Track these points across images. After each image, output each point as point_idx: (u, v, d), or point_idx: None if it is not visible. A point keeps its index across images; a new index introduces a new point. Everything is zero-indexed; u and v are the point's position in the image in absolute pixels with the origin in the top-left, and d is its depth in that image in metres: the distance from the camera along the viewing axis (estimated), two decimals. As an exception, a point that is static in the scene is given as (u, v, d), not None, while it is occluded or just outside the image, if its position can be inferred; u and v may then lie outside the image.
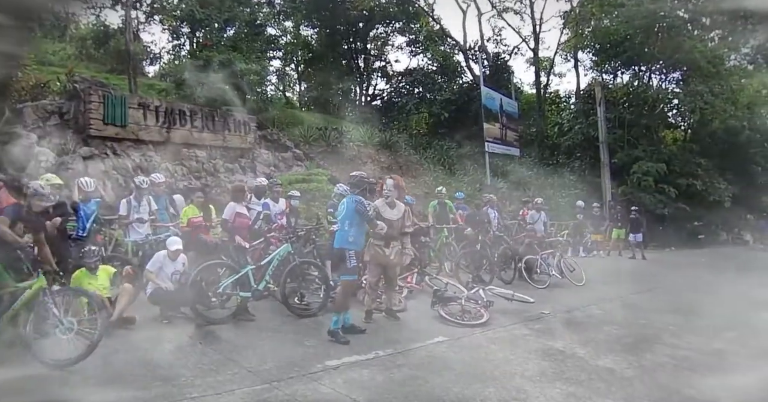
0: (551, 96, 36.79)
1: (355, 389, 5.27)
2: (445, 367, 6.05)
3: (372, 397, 5.11)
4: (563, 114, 34.56)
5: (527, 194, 19.23)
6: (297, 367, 5.78)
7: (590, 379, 5.89)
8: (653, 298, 11.53)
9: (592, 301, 10.59)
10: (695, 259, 20.14)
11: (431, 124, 27.66)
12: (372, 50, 34.52)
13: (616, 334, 8.01)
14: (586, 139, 28.56)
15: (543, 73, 34.88)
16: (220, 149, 17.08)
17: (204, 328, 7.15)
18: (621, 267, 16.63)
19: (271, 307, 8.38)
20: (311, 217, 13.58)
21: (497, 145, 25.86)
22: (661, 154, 27.03)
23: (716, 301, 11.14)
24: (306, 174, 17.54)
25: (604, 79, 31.75)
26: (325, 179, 16.70)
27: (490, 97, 26.24)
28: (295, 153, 19.53)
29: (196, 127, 16.58)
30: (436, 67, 32.91)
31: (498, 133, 26.22)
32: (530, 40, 34.29)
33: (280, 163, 18.66)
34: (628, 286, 12.82)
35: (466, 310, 8.32)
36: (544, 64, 34.93)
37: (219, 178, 16.05)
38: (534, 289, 11.12)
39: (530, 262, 12.02)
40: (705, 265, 18.26)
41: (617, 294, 11.60)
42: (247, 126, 18.04)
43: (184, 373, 5.48)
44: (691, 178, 26.23)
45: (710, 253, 22.41)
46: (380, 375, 5.71)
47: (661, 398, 5.48)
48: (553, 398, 5.28)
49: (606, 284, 12.65)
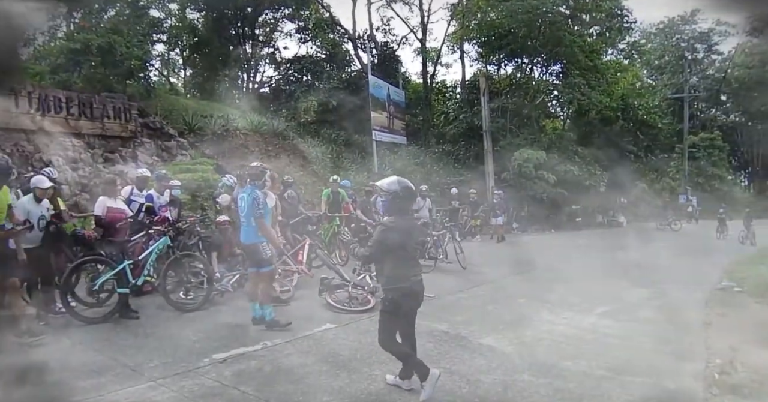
0: (438, 86, 37.56)
1: (243, 381, 5.27)
2: (333, 353, 6.15)
3: (260, 388, 5.11)
4: (449, 103, 35.52)
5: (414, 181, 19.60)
6: (183, 363, 5.70)
7: (473, 358, 6.15)
8: (533, 278, 12.14)
9: (475, 283, 11.03)
10: (573, 240, 21.29)
11: (319, 112, 27.53)
12: (260, 36, 33.94)
13: (497, 314, 8.38)
14: (471, 128, 29.45)
15: (430, 63, 35.54)
16: (98, 138, 16.26)
17: (84, 327, 6.88)
18: (502, 250, 17.29)
19: (156, 303, 8.17)
20: (197, 208, 13.27)
21: (385, 134, 26.15)
22: (541, 143, 28.31)
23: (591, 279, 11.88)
24: (191, 163, 16.98)
25: (489, 70, 32.90)
26: (210, 169, 16.26)
27: (378, 86, 26.47)
28: (180, 142, 18.81)
29: (72, 114, 15.63)
30: (325, 55, 32.80)
31: (385, 122, 26.52)
32: (418, 30, 34.87)
33: (163, 153, 17.93)
34: (510, 267, 13.38)
35: (353, 297, 8.45)
36: (432, 54, 35.57)
37: (98, 168, 15.30)
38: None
39: (418, 247, 12.28)
40: (582, 245, 19.33)
41: (499, 275, 12.12)
42: (128, 113, 17.17)
43: (65, 376, 5.29)
44: (569, 164, 27.58)
45: (587, 235, 23.77)
46: (269, 365, 5.72)
47: (540, 371, 5.75)
48: (438, 377, 5.47)
49: (488, 267, 13.15)
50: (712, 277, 12.52)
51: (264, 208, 7.02)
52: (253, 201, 6.92)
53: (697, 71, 51.26)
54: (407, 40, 35.93)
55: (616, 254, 16.30)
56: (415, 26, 35.12)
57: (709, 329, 8.08)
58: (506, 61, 33.21)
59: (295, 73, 32.39)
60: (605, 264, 14.32)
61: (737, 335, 7.76)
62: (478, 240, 19.42)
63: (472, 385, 5.33)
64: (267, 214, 7.16)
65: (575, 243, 20.16)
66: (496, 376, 5.57)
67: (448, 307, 8.67)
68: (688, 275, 12.48)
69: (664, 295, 10.67)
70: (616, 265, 14.31)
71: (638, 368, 5.96)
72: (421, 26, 34.45)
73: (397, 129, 27.84)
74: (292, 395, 4.99)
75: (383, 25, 36.22)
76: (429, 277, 11.02)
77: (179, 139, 18.94)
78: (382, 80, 27.33)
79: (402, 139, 28.00)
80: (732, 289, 11.76)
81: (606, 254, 16.36)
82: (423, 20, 34.28)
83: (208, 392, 5.01)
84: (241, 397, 4.94)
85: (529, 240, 20.19)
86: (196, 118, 20.73)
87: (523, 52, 31.22)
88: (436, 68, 36.20)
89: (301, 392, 5.04)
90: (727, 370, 6.11)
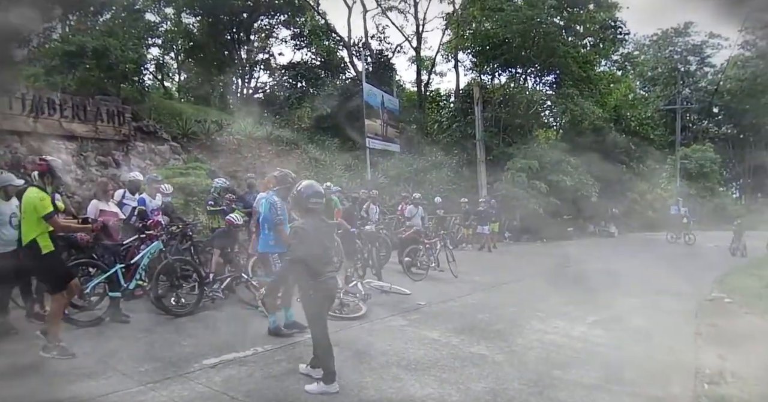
0: (432, 94, 37.64)
1: (232, 386, 5.25)
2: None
3: (250, 394, 5.10)
4: (443, 112, 35.67)
5: (406, 189, 19.61)
6: (174, 368, 5.68)
7: (463, 366, 6.15)
8: (524, 287, 12.21)
9: (466, 291, 11.03)
10: (564, 249, 21.31)
11: (313, 119, 27.59)
12: (255, 42, 33.96)
13: (488, 322, 8.37)
14: (464, 137, 29.57)
15: (424, 71, 35.67)
16: (92, 141, 16.22)
17: (74, 331, 6.85)
18: (492, 259, 17.31)
19: (147, 307, 8.12)
20: (189, 212, 13.25)
21: (378, 141, 26.13)
22: (533, 152, 28.37)
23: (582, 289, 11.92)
24: (184, 168, 16.95)
25: (483, 80, 33.02)
26: (203, 173, 16.22)
27: (372, 93, 26.48)
28: (173, 146, 18.82)
29: (66, 116, 15.62)
30: (320, 61, 32.86)
31: (379, 129, 26.51)
32: (413, 39, 35.01)
33: (156, 156, 17.95)
34: (501, 276, 13.48)
35: (344, 304, 8.41)
36: (426, 63, 35.71)
37: (90, 171, 15.26)
38: (412, 281, 11.43)
39: (411, 255, 12.31)
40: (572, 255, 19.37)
41: (490, 284, 12.15)
42: (121, 116, 17.15)
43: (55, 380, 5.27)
44: (561, 174, 27.68)
45: (576, 245, 23.84)
46: (259, 371, 5.70)
47: (531, 380, 5.77)
48: (428, 385, 5.47)
49: (479, 275, 13.18)
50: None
51: (282, 215, 6.85)
52: (270, 206, 6.85)
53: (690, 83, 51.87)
54: (402, 49, 36.16)
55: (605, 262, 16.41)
56: (410, 35, 35.32)
57: (699, 339, 8.13)
58: (500, 71, 33.39)
59: (290, 79, 32.42)
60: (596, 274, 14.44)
61: (727, 346, 7.82)
62: (468, 249, 19.45)
63: (462, 393, 5.33)
64: (285, 221, 6.91)
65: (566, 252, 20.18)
66: (486, 385, 5.58)
67: (439, 315, 8.68)
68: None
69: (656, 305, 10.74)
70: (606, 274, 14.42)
71: (628, 378, 5.99)
72: (416, 35, 34.63)
73: (391, 136, 27.82)
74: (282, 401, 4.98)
75: (378, 33, 36.37)
76: (421, 285, 11.19)
77: (172, 143, 18.95)
78: (376, 88, 27.33)
79: (395, 146, 28.00)
80: (722, 300, 11.85)
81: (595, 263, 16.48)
82: (418, 29, 34.47)
83: (198, 397, 5.00)
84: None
85: (520, 250, 20.22)
86: (190, 122, 20.72)
87: (517, 62, 31.36)
88: (430, 77, 36.37)
89: (292, 399, 5.03)
90: (716, 381, 6.15)
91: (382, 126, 26.92)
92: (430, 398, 5.07)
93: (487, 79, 33.76)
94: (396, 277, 11.49)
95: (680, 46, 53.43)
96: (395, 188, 21.68)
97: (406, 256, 12.24)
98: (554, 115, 35.29)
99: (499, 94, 31.80)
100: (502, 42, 29.56)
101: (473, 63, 33.97)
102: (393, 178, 23.94)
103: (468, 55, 34.00)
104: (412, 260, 12.29)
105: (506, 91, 31.93)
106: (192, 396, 5.01)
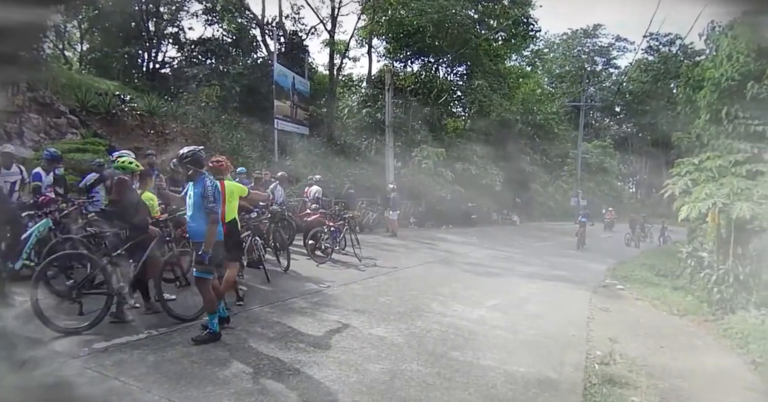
0: (344, 79, 37.50)
1: (124, 370, 4.99)
2: (220, 342, 5.93)
3: (142, 377, 4.87)
4: (354, 97, 35.63)
5: (314, 172, 19.43)
6: (62, 354, 5.34)
7: (362, 347, 6.14)
8: (426, 272, 12.34)
9: (370, 274, 11.05)
10: (466, 236, 21.80)
11: (222, 98, 26.82)
12: (165, 14, 32.64)
13: (389, 305, 8.41)
14: (374, 122, 29.60)
15: (338, 55, 35.40)
16: (-21, 111, 15.17)
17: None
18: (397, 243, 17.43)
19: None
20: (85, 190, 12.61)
21: (287, 123, 25.80)
22: (441, 140, 28.82)
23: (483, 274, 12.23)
24: (81, 142, 16.16)
25: (395, 67, 33.11)
26: (103, 149, 15.52)
27: (283, 74, 26.08)
28: (71, 119, 17.77)
29: (-51, 84, 14.52)
30: (232, 39, 31.99)
31: (288, 111, 26.16)
32: (328, 22, 34.54)
33: (51, 130, 16.96)
34: (405, 260, 13.57)
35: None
36: (340, 47, 35.43)
37: (-26, 143, 14.25)
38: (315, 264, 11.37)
39: (315, 238, 12.21)
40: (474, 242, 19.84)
41: (393, 268, 12.20)
42: (14, 86, 16.11)
43: None
44: (467, 163, 28.23)
45: (479, 232, 24.44)
46: (152, 354, 5.45)
47: (428, 361, 5.84)
48: (326, 366, 5.43)
49: (384, 259, 13.22)
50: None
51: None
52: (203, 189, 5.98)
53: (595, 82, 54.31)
54: (316, 31, 35.60)
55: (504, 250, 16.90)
56: (325, 17, 34.80)
57: (591, 323, 8.48)
58: (413, 59, 33.72)
59: (199, 55, 31.39)
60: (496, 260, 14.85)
61: (617, 329, 8.20)
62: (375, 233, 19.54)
63: (360, 373, 5.32)
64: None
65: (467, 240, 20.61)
66: (385, 366, 5.60)
67: (340, 297, 8.65)
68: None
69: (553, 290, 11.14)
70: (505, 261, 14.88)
71: (523, 359, 6.17)
72: (331, 18, 34.19)
73: (300, 119, 27.51)
74: (176, 384, 4.79)
75: (293, 13, 35.57)
76: (324, 268, 11.13)
77: (70, 116, 17.88)
78: (287, 69, 26.92)
79: (305, 129, 27.71)
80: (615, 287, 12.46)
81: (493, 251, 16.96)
82: (333, 12, 34.00)
83: (87, 382, 4.73)
84: (122, 387, 4.68)
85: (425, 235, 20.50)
86: (90, 95, 19.64)
87: (430, 51, 31.73)
88: (343, 61, 36.08)
89: (186, 382, 4.85)
90: (606, 361, 6.43)
91: (292, 108, 26.57)
92: (328, 379, 5.03)
93: (400, 66, 33.98)
94: (301, 261, 11.38)
95: (588, 46, 55.77)
96: (303, 171, 21.40)
97: (310, 239, 12.14)
98: (463, 105, 36.00)
99: (410, 81, 32.06)
100: (417, 30, 29.76)
101: (387, 49, 34.13)
102: (301, 160, 23.67)
103: (382, 42, 34.15)
104: (316, 243, 12.19)
105: (418, 79, 32.22)
106: (81, 381, 4.74)
